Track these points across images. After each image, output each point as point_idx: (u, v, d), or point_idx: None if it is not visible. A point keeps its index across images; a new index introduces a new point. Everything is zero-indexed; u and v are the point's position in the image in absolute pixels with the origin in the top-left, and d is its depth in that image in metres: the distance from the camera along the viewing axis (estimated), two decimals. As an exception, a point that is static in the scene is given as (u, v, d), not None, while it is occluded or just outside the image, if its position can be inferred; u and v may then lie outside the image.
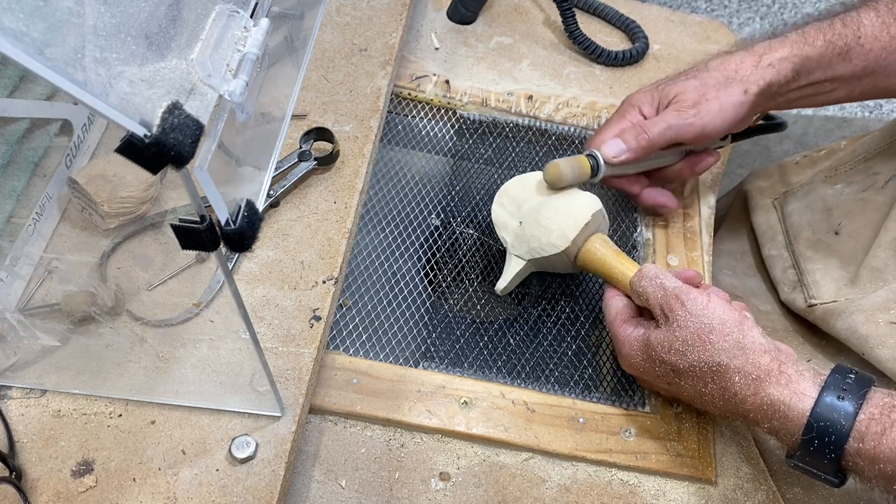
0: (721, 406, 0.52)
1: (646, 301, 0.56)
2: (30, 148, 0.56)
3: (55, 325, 0.53)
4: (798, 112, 1.60)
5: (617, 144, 0.65)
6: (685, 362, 0.52)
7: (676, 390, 0.56)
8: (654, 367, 0.55)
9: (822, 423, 0.47)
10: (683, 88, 0.64)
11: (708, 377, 0.51)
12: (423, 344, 0.62)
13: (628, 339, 0.57)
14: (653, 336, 0.54)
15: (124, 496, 0.48)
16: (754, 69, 0.64)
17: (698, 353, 0.51)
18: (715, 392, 0.52)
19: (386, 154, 0.75)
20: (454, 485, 0.55)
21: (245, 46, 0.34)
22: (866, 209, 0.68)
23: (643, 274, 0.57)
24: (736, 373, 0.50)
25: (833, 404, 0.48)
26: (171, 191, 0.61)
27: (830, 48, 0.64)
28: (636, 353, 0.56)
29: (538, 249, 0.62)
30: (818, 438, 0.47)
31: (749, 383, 0.50)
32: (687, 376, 0.53)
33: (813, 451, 0.48)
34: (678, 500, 0.57)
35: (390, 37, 0.74)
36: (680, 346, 0.52)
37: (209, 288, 0.57)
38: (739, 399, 0.50)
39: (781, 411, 0.49)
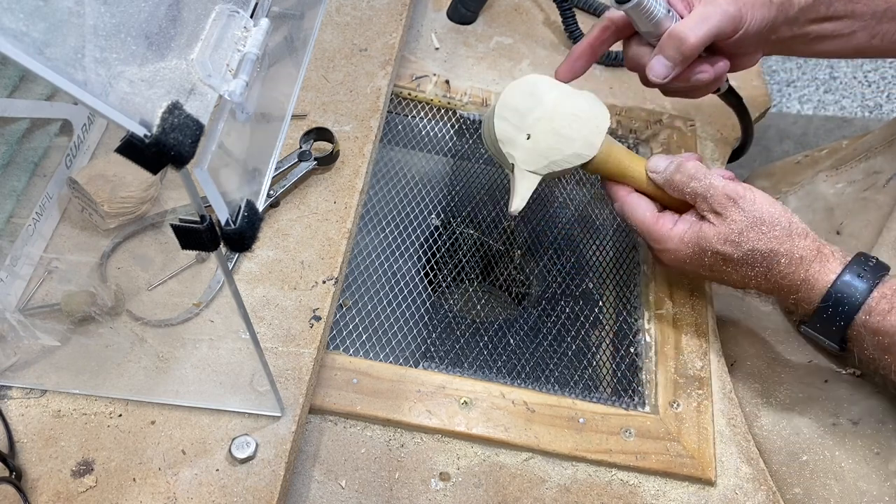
0: (761, 283, 0.57)
1: (692, 198, 0.58)
2: (30, 148, 0.56)
3: (55, 325, 0.53)
4: (798, 112, 1.60)
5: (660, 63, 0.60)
6: (740, 252, 0.56)
7: (716, 276, 0.60)
8: (704, 258, 0.58)
9: (839, 295, 0.54)
10: None
11: (758, 262, 0.56)
12: (423, 344, 0.62)
13: (674, 233, 0.59)
14: (706, 229, 0.57)
15: (124, 496, 0.48)
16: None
17: (753, 242, 0.55)
18: (760, 273, 0.57)
19: (386, 154, 0.75)
20: (454, 485, 0.55)
21: (245, 46, 0.34)
22: (868, 209, 0.68)
23: (689, 173, 0.58)
24: (784, 255, 0.55)
25: (851, 281, 0.54)
26: (171, 191, 0.61)
27: None
28: (685, 247, 0.58)
29: (560, 162, 0.59)
30: (832, 307, 0.54)
31: (793, 263, 0.55)
32: (738, 263, 0.56)
33: (825, 318, 0.55)
34: (678, 500, 0.57)
35: (390, 37, 0.74)
36: (736, 237, 0.56)
37: (209, 288, 0.56)
38: (780, 276, 0.56)
39: (810, 283, 0.55)
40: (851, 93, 1.68)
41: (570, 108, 0.60)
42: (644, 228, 0.60)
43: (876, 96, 1.68)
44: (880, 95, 1.69)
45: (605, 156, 0.61)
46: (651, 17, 0.58)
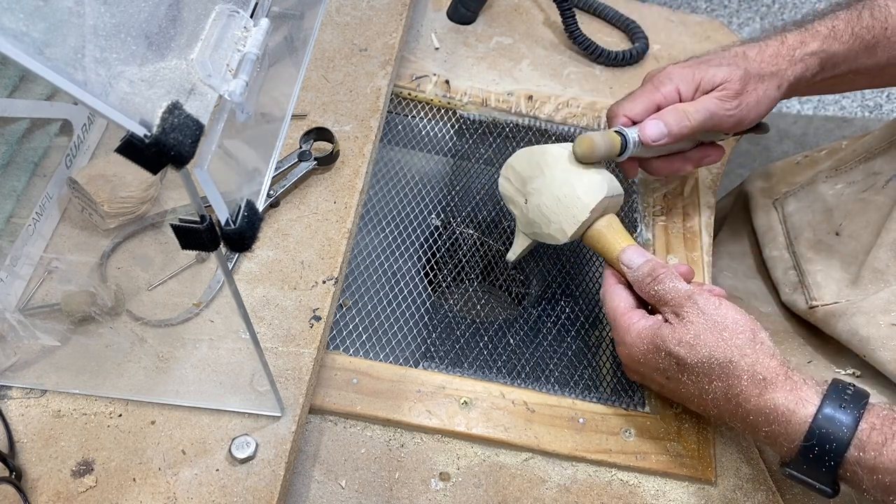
0: (721, 406, 0.52)
1: (657, 301, 0.55)
2: (30, 148, 0.56)
3: (55, 325, 0.53)
4: (798, 112, 1.60)
5: (657, 127, 0.62)
6: (694, 357, 0.51)
7: (673, 387, 0.55)
8: (658, 360, 0.54)
9: (824, 431, 0.47)
10: (728, 76, 0.63)
11: (714, 374, 0.51)
12: (423, 344, 0.62)
13: (634, 327, 0.55)
14: (663, 329, 0.53)
15: (124, 496, 0.48)
16: (788, 64, 0.63)
17: (710, 348, 0.51)
18: (718, 390, 0.51)
19: (386, 154, 0.75)
20: (454, 485, 0.55)
21: (245, 46, 0.34)
22: (867, 210, 0.68)
23: (655, 276, 0.56)
24: (745, 371, 0.50)
25: (835, 413, 0.48)
26: (171, 191, 0.61)
27: (857, 42, 0.63)
28: (641, 343, 0.55)
29: (540, 235, 0.62)
30: (818, 446, 0.47)
31: (756, 384, 0.50)
32: (692, 372, 0.52)
33: (812, 459, 0.48)
34: (678, 500, 0.57)
35: (390, 37, 0.74)
36: (692, 339, 0.52)
37: (209, 288, 0.56)
38: (743, 398, 0.50)
39: (784, 416, 0.49)
40: (851, 93, 1.68)
41: (558, 189, 0.61)
42: (612, 317, 0.58)
43: (876, 96, 1.68)
44: (880, 95, 1.69)
45: (593, 238, 0.61)
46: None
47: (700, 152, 0.69)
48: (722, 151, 0.70)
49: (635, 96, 0.65)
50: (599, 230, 0.60)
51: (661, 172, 0.70)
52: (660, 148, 0.65)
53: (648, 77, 0.67)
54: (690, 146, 0.69)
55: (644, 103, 0.64)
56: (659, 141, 0.62)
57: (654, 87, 0.65)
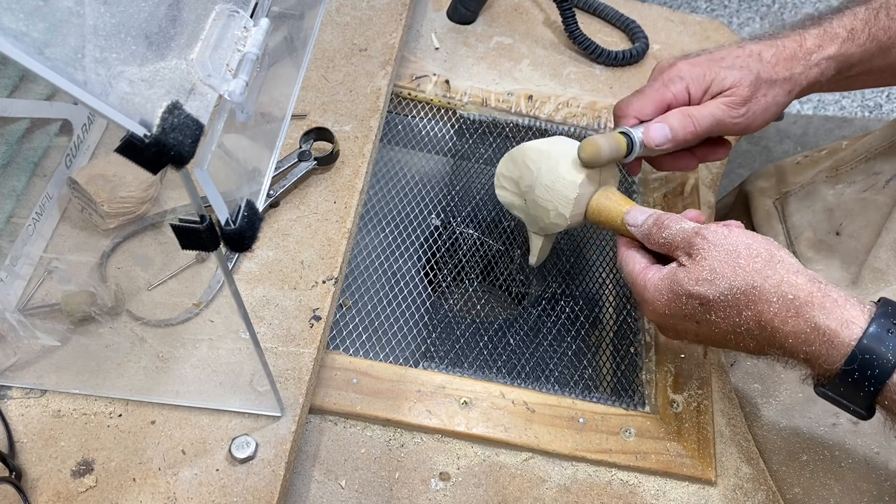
0: (758, 336, 0.49)
1: (668, 248, 0.54)
2: (30, 148, 0.56)
3: (55, 325, 0.53)
4: (798, 112, 1.60)
5: (662, 131, 0.61)
6: (715, 291, 0.49)
7: (706, 330, 0.52)
8: (682, 306, 0.51)
9: (868, 356, 0.45)
10: (739, 81, 0.61)
11: (741, 304, 0.49)
12: (423, 344, 0.62)
13: (650, 282, 0.53)
14: (678, 272, 0.51)
15: (124, 496, 0.48)
16: (804, 69, 0.62)
17: (728, 279, 0.49)
18: (750, 320, 0.49)
19: (386, 154, 0.75)
20: (454, 485, 0.55)
21: (245, 46, 0.34)
22: (867, 209, 0.68)
23: (661, 223, 0.54)
24: (772, 294, 0.48)
25: (881, 336, 0.45)
26: (171, 191, 0.61)
27: (873, 43, 0.62)
28: (660, 295, 0.52)
29: (547, 227, 0.62)
30: (860, 370, 0.45)
31: (788, 305, 0.48)
32: (719, 308, 0.49)
33: (851, 382, 0.46)
34: (678, 500, 0.57)
35: (390, 37, 0.74)
36: (707, 275, 0.49)
37: (209, 288, 0.56)
38: (779, 321, 0.48)
39: (826, 337, 0.46)
40: (851, 93, 1.68)
41: (545, 179, 0.61)
42: (630, 281, 0.56)
43: (876, 96, 1.68)
44: (880, 95, 1.69)
45: (593, 214, 0.60)
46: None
47: (707, 148, 0.68)
48: (729, 147, 0.68)
49: (645, 94, 0.64)
50: (599, 202, 0.59)
51: (666, 169, 0.69)
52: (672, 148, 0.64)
53: (658, 70, 0.65)
54: (697, 142, 0.68)
55: (654, 102, 0.63)
56: (663, 146, 0.61)
57: (663, 84, 0.63)
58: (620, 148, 0.61)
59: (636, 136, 0.62)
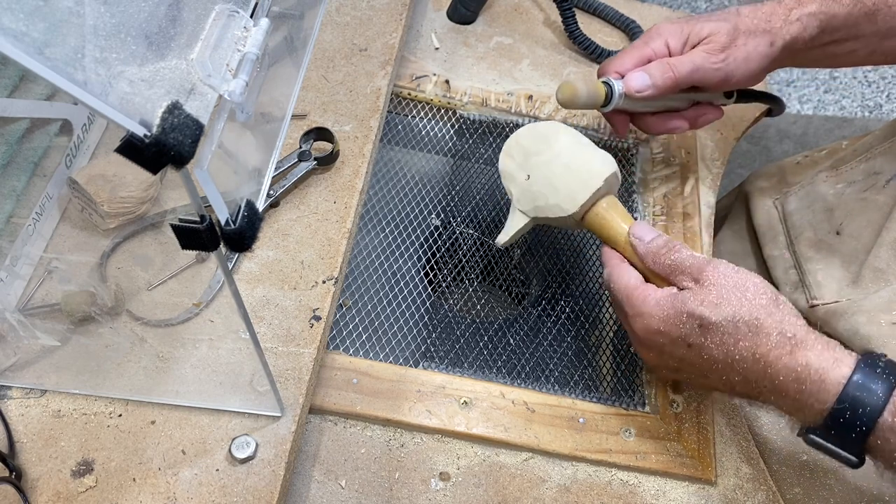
0: (749, 368, 0.49)
1: (674, 270, 0.54)
2: (30, 148, 0.56)
3: (55, 325, 0.53)
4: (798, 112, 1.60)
5: (642, 78, 0.62)
6: (719, 315, 0.49)
7: (694, 356, 0.51)
8: (680, 325, 0.51)
9: (858, 394, 0.45)
10: (716, 30, 0.62)
11: (741, 333, 0.49)
12: (423, 344, 0.62)
13: (652, 296, 0.53)
14: (684, 293, 0.51)
15: (124, 496, 0.48)
16: (784, 22, 0.63)
17: (734, 307, 0.49)
18: (745, 350, 0.49)
19: (386, 154, 0.75)
20: (454, 485, 0.55)
21: (245, 46, 0.34)
22: (868, 209, 0.68)
23: (673, 248, 0.55)
24: (773, 329, 0.48)
25: (869, 377, 0.46)
26: (171, 191, 0.61)
27: (858, 7, 0.63)
28: (660, 310, 0.52)
29: (544, 209, 0.59)
30: (850, 410, 0.45)
31: (786, 342, 0.48)
32: (717, 331, 0.49)
33: (842, 424, 0.46)
34: (678, 500, 0.57)
35: (390, 37, 0.74)
36: (714, 298, 0.50)
37: (209, 288, 0.56)
38: (773, 357, 0.48)
39: (818, 374, 0.47)
40: (851, 93, 1.68)
41: (568, 159, 0.59)
42: (625, 293, 0.55)
43: (876, 96, 1.68)
44: (880, 95, 1.69)
45: (597, 217, 0.59)
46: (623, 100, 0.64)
47: (696, 111, 0.69)
48: (719, 112, 0.69)
49: (625, 52, 0.65)
50: (604, 208, 0.59)
51: (655, 130, 0.70)
52: (649, 103, 0.65)
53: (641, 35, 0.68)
54: (685, 105, 0.68)
55: (633, 58, 0.64)
56: (643, 92, 0.62)
57: (643, 42, 0.65)
58: (598, 93, 0.62)
59: (616, 84, 0.62)
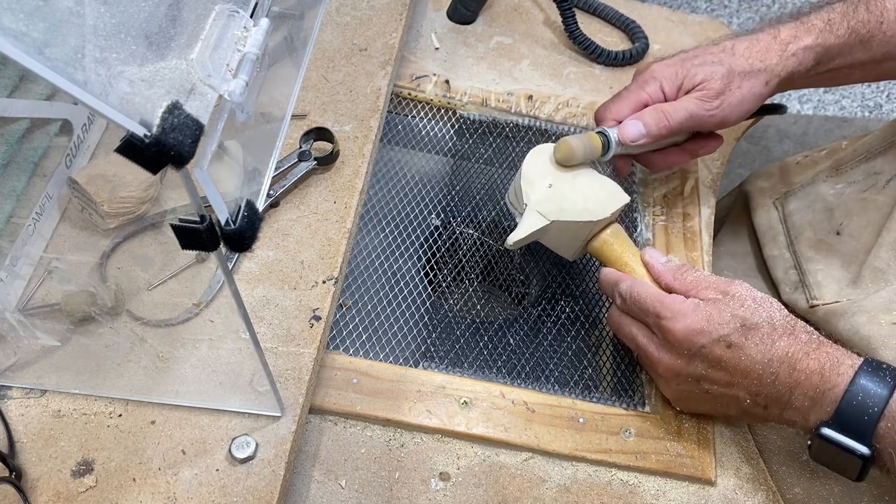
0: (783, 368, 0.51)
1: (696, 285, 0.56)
2: (30, 148, 0.56)
3: (55, 325, 0.53)
4: (798, 112, 1.60)
5: (636, 126, 0.63)
6: (759, 316, 0.52)
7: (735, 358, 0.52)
8: (722, 325, 0.52)
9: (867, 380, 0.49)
10: (710, 75, 0.63)
11: (779, 333, 0.52)
12: (423, 344, 0.62)
13: (689, 301, 0.54)
14: (720, 300, 0.54)
15: (124, 496, 0.48)
16: (779, 59, 0.63)
17: (768, 311, 0.53)
18: (781, 350, 0.51)
19: (386, 154, 0.75)
20: (454, 485, 0.55)
21: (245, 46, 0.34)
22: (868, 209, 0.68)
23: (692, 267, 0.58)
24: (802, 330, 0.52)
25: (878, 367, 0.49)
26: (171, 191, 0.61)
27: (853, 36, 0.63)
28: (701, 311, 0.53)
29: (569, 212, 0.60)
30: (862, 392, 0.48)
31: (812, 340, 0.52)
32: (758, 332, 0.52)
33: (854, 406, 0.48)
34: (678, 500, 0.57)
35: (390, 37, 0.74)
36: (751, 303, 0.53)
37: (209, 288, 0.56)
38: (801, 355, 0.51)
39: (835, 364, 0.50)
40: (851, 93, 1.68)
41: (594, 178, 0.63)
42: (657, 299, 0.55)
43: (876, 96, 1.68)
44: (880, 95, 1.69)
45: (602, 242, 0.62)
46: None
47: (697, 143, 0.69)
48: (720, 140, 0.69)
49: (621, 97, 0.66)
50: (611, 234, 0.62)
51: (658, 166, 0.71)
52: (649, 145, 0.65)
53: (636, 74, 0.67)
54: (685, 138, 0.69)
55: (630, 104, 0.64)
56: (637, 141, 0.63)
57: (638, 86, 0.65)
58: (595, 146, 0.63)
59: (612, 134, 0.63)
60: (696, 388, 0.55)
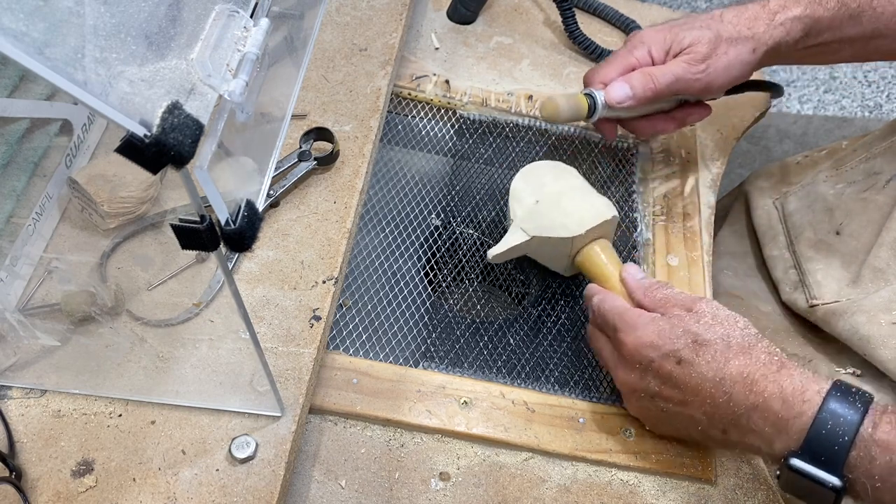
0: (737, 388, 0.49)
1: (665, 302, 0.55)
2: (30, 148, 0.56)
3: (55, 325, 0.53)
4: (798, 112, 1.60)
5: (622, 89, 0.63)
6: (713, 334, 0.51)
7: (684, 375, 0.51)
8: (674, 339, 0.51)
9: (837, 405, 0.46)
10: (697, 39, 0.63)
11: (733, 352, 0.50)
12: (423, 344, 0.62)
13: (645, 314, 0.54)
14: (680, 314, 0.53)
15: (124, 496, 0.48)
16: (767, 27, 0.63)
17: (727, 329, 0.51)
18: (735, 369, 0.49)
19: (386, 154, 0.75)
20: (454, 485, 0.55)
21: (245, 46, 0.34)
22: (867, 209, 0.68)
23: (665, 284, 0.57)
24: (762, 351, 0.50)
25: (847, 391, 0.47)
26: (171, 191, 0.61)
27: (843, 9, 0.63)
28: (654, 325, 0.53)
29: (548, 228, 0.61)
30: (832, 420, 0.45)
31: (773, 362, 0.49)
32: (710, 349, 0.50)
33: (824, 436, 0.45)
34: (678, 500, 0.57)
35: (390, 37, 0.74)
36: (709, 319, 0.52)
37: (209, 288, 0.56)
38: (759, 377, 0.49)
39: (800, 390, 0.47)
40: (851, 93, 1.68)
41: (580, 194, 0.63)
42: (618, 312, 0.55)
43: (876, 96, 1.68)
44: (880, 95, 1.69)
45: (588, 256, 0.62)
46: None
47: (684, 111, 0.69)
48: (707, 110, 0.70)
49: (609, 61, 0.66)
50: (598, 250, 0.62)
51: (644, 133, 0.71)
52: (636, 109, 0.65)
53: (626, 41, 0.68)
54: (672, 105, 0.69)
55: (618, 68, 0.65)
56: (623, 103, 0.63)
57: (627, 50, 0.66)
58: (581, 107, 0.64)
59: (599, 96, 0.64)
60: (652, 405, 0.55)
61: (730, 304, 0.73)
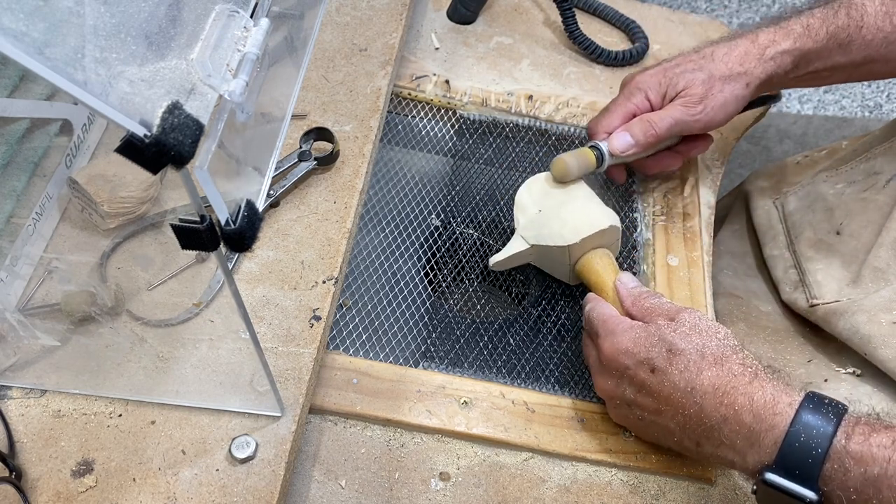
0: (707, 398, 0.49)
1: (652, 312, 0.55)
2: (30, 148, 0.56)
3: (55, 325, 0.53)
4: (798, 112, 1.60)
5: (624, 138, 0.65)
6: (688, 344, 0.51)
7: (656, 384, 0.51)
8: (649, 348, 0.52)
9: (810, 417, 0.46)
10: (691, 81, 0.65)
11: (706, 362, 0.50)
12: (423, 344, 0.62)
13: (626, 321, 0.55)
14: (659, 324, 0.53)
15: (124, 496, 0.48)
16: (758, 62, 0.64)
17: (704, 340, 0.51)
18: (707, 381, 0.49)
19: (386, 154, 0.75)
20: (454, 485, 0.55)
21: (245, 46, 0.34)
22: (868, 209, 0.68)
23: (653, 294, 0.57)
24: (736, 363, 0.50)
25: (820, 403, 0.47)
26: (171, 191, 0.61)
27: (832, 40, 0.64)
28: (632, 331, 0.53)
29: (546, 237, 0.62)
30: (805, 432, 0.45)
31: (746, 373, 0.49)
32: (683, 359, 0.50)
33: (797, 449, 0.45)
34: (678, 500, 0.57)
35: (390, 37, 0.74)
36: (687, 330, 0.52)
37: (209, 288, 0.56)
38: (731, 387, 0.49)
39: (772, 402, 0.47)
40: (851, 93, 1.68)
41: (581, 203, 0.64)
42: (602, 319, 0.56)
43: (876, 96, 1.68)
44: (880, 95, 1.69)
45: (587, 264, 0.62)
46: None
47: (687, 145, 0.71)
48: (709, 140, 0.72)
49: (610, 110, 0.68)
50: (597, 258, 0.62)
51: (651, 171, 0.73)
52: (640, 153, 0.67)
53: (622, 84, 0.70)
54: (675, 142, 0.70)
55: (619, 116, 0.67)
56: (627, 151, 0.66)
57: (625, 98, 0.68)
58: (589, 161, 0.66)
59: (604, 147, 0.66)
60: (630, 413, 0.55)
61: (730, 303, 0.74)
